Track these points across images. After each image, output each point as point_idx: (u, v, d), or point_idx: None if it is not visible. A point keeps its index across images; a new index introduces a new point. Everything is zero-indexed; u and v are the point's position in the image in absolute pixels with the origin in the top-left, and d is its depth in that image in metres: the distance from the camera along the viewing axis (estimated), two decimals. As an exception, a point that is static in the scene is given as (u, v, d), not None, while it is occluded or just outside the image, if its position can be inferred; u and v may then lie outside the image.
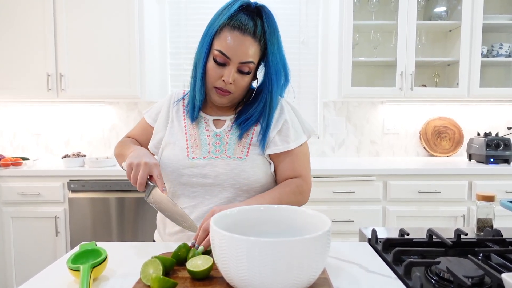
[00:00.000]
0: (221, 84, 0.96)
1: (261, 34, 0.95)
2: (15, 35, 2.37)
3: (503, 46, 2.52)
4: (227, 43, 0.92)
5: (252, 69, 0.97)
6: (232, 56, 0.93)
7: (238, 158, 0.99)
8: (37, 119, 2.76)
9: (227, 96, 0.98)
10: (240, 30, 0.92)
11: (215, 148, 1.01)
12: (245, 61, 0.94)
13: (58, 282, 0.73)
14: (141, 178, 0.87)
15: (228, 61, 0.94)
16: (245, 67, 0.95)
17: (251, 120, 1.01)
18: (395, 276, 0.76)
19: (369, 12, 2.60)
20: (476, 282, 0.71)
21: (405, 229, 0.98)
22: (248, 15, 0.94)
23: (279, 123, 1.03)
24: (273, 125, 1.02)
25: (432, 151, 2.76)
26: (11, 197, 2.21)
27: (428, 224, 2.22)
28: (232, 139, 1.02)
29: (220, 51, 0.93)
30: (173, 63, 2.78)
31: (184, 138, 1.03)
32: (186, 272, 0.74)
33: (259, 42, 0.95)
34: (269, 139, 1.02)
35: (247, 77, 0.97)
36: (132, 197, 2.19)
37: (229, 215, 0.77)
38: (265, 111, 1.01)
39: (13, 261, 2.24)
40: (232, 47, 0.92)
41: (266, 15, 0.96)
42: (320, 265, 0.64)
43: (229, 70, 0.94)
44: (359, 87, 2.47)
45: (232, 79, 0.94)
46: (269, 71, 0.99)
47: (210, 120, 1.06)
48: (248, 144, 1.01)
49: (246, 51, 0.93)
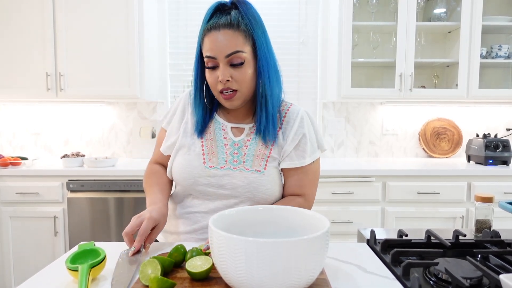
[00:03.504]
0: (220, 86, 0.94)
1: (238, 21, 0.91)
2: (14, 34, 2.37)
3: (502, 47, 2.53)
4: (209, 46, 0.92)
5: (244, 59, 0.92)
6: (216, 54, 0.91)
7: (257, 171, 0.97)
8: (36, 119, 2.76)
9: (234, 97, 0.95)
10: (214, 28, 0.91)
11: (232, 158, 0.99)
12: (230, 53, 0.91)
13: (57, 282, 0.73)
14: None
15: (216, 62, 0.92)
16: (234, 58, 0.91)
17: (265, 126, 0.98)
18: (394, 277, 0.76)
19: (368, 13, 2.60)
20: (474, 283, 0.71)
21: (404, 230, 0.98)
22: (222, 13, 0.93)
23: (297, 137, 1.01)
24: (291, 138, 1.01)
25: (431, 152, 2.77)
26: (9, 196, 2.20)
27: (426, 225, 2.22)
28: (250, 150, 1.00)
29: (206, 56, 0.93)
30: (173, 63, 2.78)
31: (200, 143, 1.01)
32: (185, 272, 0.74)
33: (238, 28, 0.91)
34: (285, 153, 1.01)
35: (243, 68, 0.93)
36: (131, 197, 2.19)
37: (227, 215, 0.77)
38: (262, 104, 0.98)
39: (12, 261, 2.24)
40: (213, 46, 0.91)
41: (242, 4, 0.93)
42: (318, 265, 0.64)
43: (221, 69, 0.92)
44: (359, 88, 2.48)
45: (228, 75, 0.92)
46: (259, 57, 0.95)
47: (228, 127, 1.04)
48: (267, 156, 0.99)
49: (226, 44, 0.90)
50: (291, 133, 1.01)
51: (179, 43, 2.76)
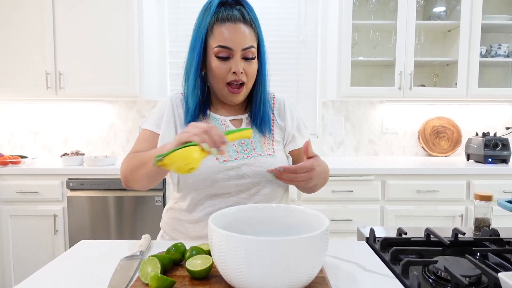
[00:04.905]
0: (232, 77, 0.96)
1: (250, 18, 0.96)
2: (14, 33, 2.37)
3: (502, 46, 2.53)
4: (224, 36, 0.93)
5: (255, 54, 0.98)
6: (233, 46, 0.94)
7: (269, 155, 1.01)
8: (36, 118, 2.76)
9: (241, 91, 0.99)
10: (229, 20, 0.93)
11: (242, 148, 1.01)
12: (247, 47, 0.95)
13: (57, 281, 0.73)
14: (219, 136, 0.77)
15: (231, 53, 0.94)
16: (248, 52, 0.96)
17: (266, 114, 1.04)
18: (393, 275, 0.76)
19: (368, 11, 2.60)
20: (473, 281, 0.71)
21: (403, 228, 0.98)
22: (229, 7, 0.96)
23: (294, 120, 1.10)
24: (289, 122, 1.09)
25: (430, 150, 2.77)
26: (9, 195, 2.20)
27: (426, 223, 2.23)
28: (256, 137, 1.04)
29: (220, 45, 0.94)
30: (172, 62, 2.77)
31: None
32: (185, 270, 0.74)
33: (251, 26, 0.96)
34: (289, 136, 1.09)
35: (253, 63, 0.98)
36: (131, 196, 2.19)
37: (227, 214, 0.77)
38: (261, 98, 1.04)
39: (12, 259, 2.24)
40: (230, 37, 0.93)
41: (246, 3, 0.98)
42: (318, 264, 0.64)
43: (236, 60, 0.95)
44: (358, 87, 2.48)
45: (241, 68, 0.95)
46: (262, 54, 1.01)
47: (227, 120, 1.05)
48: (272, 140, 1.05)
49: (244, 37, 0.94)
50: (287, 117, 1.10)
51: (179, 41, 2.76)
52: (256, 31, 0.98)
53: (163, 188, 2.20)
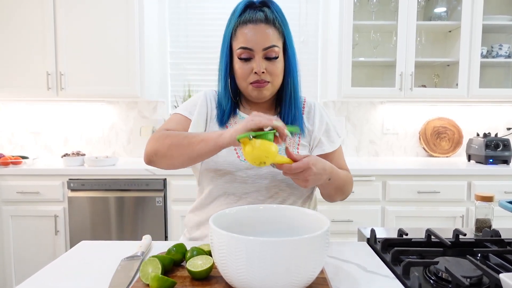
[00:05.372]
0: (254, 77, 0.97)
1: (273, 18, 0.96)
2: (14, 33, 2.37)
3: (503, 46, 2.52)
4: (245, 38, 0.95)
5: (278, 54, 0.97)
6: (253, 46, 0.95)
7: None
8: (37, 118, 2.76)
9: (265, 86, 0.98)
10: (251, 22, 0.95)
11: None
12: (268, 46, 0.95)
13: (57, 281, 0.73)
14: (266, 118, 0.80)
15: (252, 53, 0.95)
16: (270, 52, 0.95)
17: (298, 114, 1.03)
18: (394, 276, 0.76)
19: (369, 12, 2.60)
20: (474, 282, 0.71)
21: (404, 229, 0.98)
22: (253, 9, 0.97)
23: (322, 124, 1.08)
24: (317, 126, 1.07)
25: (431, 151, 2.77)
26: (10, 195, 2.20)
27: (427, 224, 2.22)
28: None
29: (241, 47, 0.95)
30: (173, 63, 2.78)
31: None
32: (186, 271, 0.74)
33: (274, 26, 0.96)
34: (316, 140, 1.06)
35: (277, 63, 0.98)
36: (132, 196, 2.19)
37: (228, 214, 0.77)
38: (291, 98, 1.03)
39: (13, 259, 2.24)
40: (251, 38, 0.94)
41: (272, 4, 0.99)
42: (318, 264, 0.64)
43: (257, 61, 0.95)
44: (359, 87, 2.47)
45: (263, 67, 0.95)
46: (289, 54, 1.00)
47: None
48: (297, 144, 1.04)
49: (265, 37, 0.95)
50: (316, 121, 1.08)
51: (180, 42, 2.76)
52: (281, 30, 0.98)
53: (163, 189, 2.20)
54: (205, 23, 2.74)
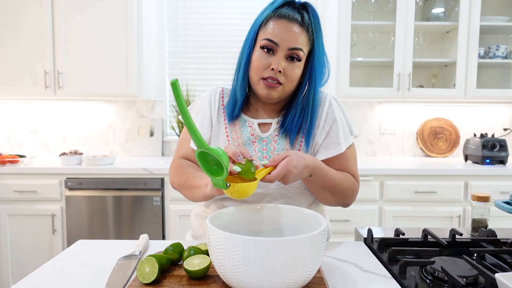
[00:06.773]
0: (269, 73, 0.92)
1: (308, 24, 0.94)
2: (12, 32, 2.36)
3: (500, 47, 2.53)
4: (274, 31, 0.92)
5: (302, 58, 0.94)
6: (280, 42, 0.91)
7: None
8: (35, 117, 2.75)
9: (276, 88, 0.93)
10: (286, 18, 0.92)
11: (262, 154, 0.97)
12: (294, 47, 0.92)
13: (54, 280, 0.73)
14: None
15: (276, 48, 0.92)
16: (294, 53, 0.92)
17: (296, 122, 0.97)
18: (390, 275, 0.77)
19: (367, 12, 2.61)
20: (470, 282, 0.72)
21: (401, 229, 0.99)
22: (293, 8, 0.94)
23: (327, 124, 1.00)
24: (321, 127, 0.99)
25: (428, 151, 2.77)
26: (7, 194, 2.20)
27: (424, 224, 2.23)
28: (280, 144, 0.98)
29: (267, 39, 0.92)
30: (171, 62, 2.77)
31: (226, 143, 0.99)
32: (183, 270, 0.74)
33: (307, 31, 0.93)
34: (317, 145, 0.99)
35: (296, 67, 0.94)
36: (129, 195, 2.19)
37: (225, 213, 0.77)
38: (307, 109, 0.98)
39: (10, 258, 2.24)
40: (280, 34, 0.91)
41: (312, 9, 0.96)
42: (315, 264, 0.64)
43: (278, 57, 0.92)
44: (357, 87, 2.48)
45: (281, 66, 0.91)
46: (314, 64, 0.97)
47: (255, 123, 1.01)
48: (298, 150, 0.98)
49: (294, 37, 0.91)
50: (321, 121, 1.00)
51: (178, 41, 2.76)
52: (312, 38, 0.95)
53: (161, 188, 2.20)
54: (204, 23, 2.74)
